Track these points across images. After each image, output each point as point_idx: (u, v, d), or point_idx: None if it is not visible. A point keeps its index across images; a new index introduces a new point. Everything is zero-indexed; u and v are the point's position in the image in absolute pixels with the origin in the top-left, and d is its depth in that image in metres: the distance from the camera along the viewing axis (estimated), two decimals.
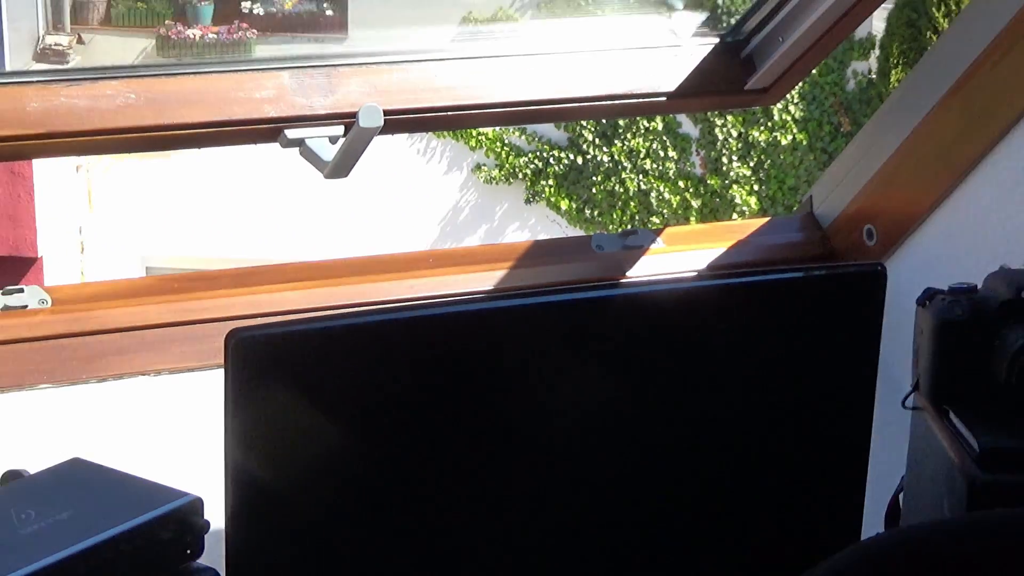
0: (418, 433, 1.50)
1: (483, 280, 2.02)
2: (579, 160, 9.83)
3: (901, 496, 1.67)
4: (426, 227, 9.86)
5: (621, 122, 9.47)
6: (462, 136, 9.74)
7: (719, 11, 8.85)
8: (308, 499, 1.47)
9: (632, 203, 9.77)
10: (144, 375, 1.86)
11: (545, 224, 9.94)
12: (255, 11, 10.00)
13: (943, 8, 8.58)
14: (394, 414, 1.49)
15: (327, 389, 1.45)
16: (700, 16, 1.91)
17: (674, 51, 2.07)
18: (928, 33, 8.62)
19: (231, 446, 1.40)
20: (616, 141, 9.71)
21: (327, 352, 1.46)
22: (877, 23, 9.15)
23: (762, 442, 1.63)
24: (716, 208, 9.62)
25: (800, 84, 2.42)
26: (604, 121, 9.36)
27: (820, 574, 1.18)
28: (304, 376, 1.44)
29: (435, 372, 1.50)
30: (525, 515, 1.56)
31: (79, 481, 1.35)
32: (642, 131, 9.63)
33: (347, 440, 1.47)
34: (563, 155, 9.87)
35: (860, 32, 8.93)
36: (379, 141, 1.88)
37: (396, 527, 1.52)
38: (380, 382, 1.48)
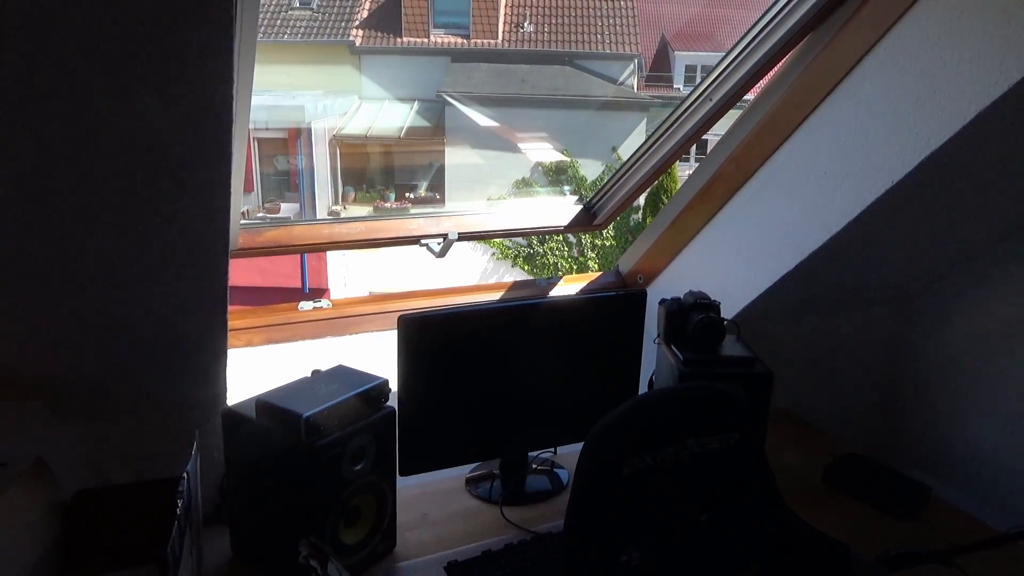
0: (472, 352, 1.49)
1: (496, 295, 2.00)
2: (531, 250, 9.78)
3: (653, 378, 1.66)
4: (473, 276, 9.81)
5: (546, 236, 9.45)
6: (487, 242, 9.70)
7: (582, 195, 8.84)
8: (429, 381, 1.46)
9: (551, 267, 9.72)
10: (367, 332, 1.83)
11: (519, 275, 9.87)
12: (410, 196, 9.95)
13: (665, 195, 8.60)
14: (463, 346, 1.48)
15: (436, 337, 1.45)
16: (575, 197, 1.90)
17: (565, 209, 2.05)
18: (660, 204, 8.64)
19: (399, 360, 1.39)
20: (545, 243, 9.67)
21: (436, 323, 1.45)
22: (641, 200, 9.15)
23: (600, 359, 1.62)
24: (583, 269, 9.58)
25: (613, 222, 2.41)
26: (540, 235, 9.35)
27: (624, 404, 1.17)
28: (427, 332, 1.43)
29: (479, 330, 1.50)
30: (515, 385, 1.55)
31: (342, 373, 1.34)
32: (555, 240, 9.61)
33: (443, 355, 1.47)
34: (525, 248, 9.81)
35: (635, 203, 8.94)
36: (456, 244, 1.88)
37: (463, 387, 1.50)
38: (458, 334, 1.47)
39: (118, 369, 1.27)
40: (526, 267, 10.02)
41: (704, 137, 1.83)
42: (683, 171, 9.57)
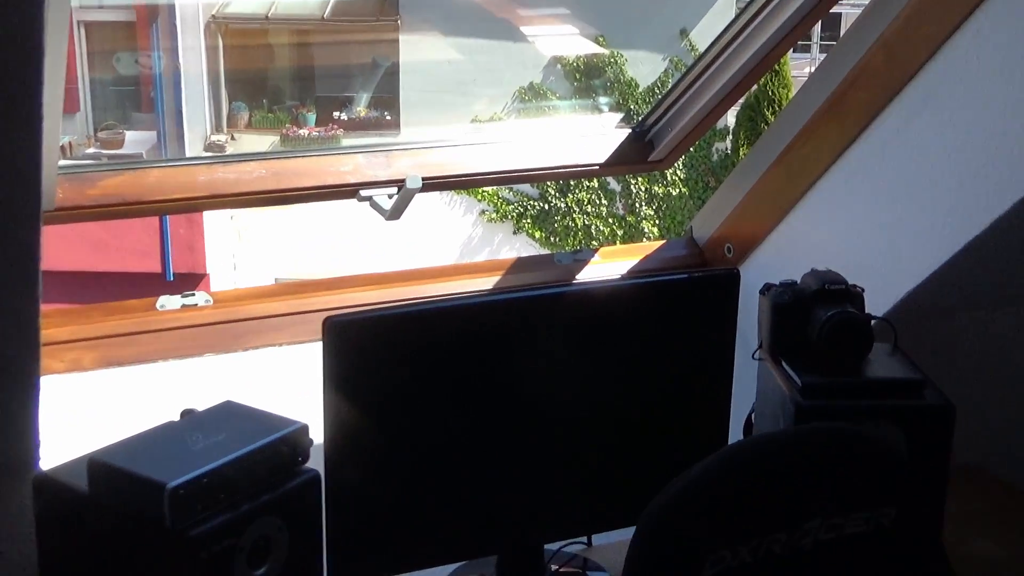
0: (447, 377, 1.51)
1: (487, 282, 2.02)
2: (546, 207, 9.80)
3: (753, 416, 1.67)
4: (450, 250, 9.83)
5: (572, 182, 9.47)
6: (472, 192, 9.71)
7: (631, 112, 8.84)
8: (376, 425, 1.48)
9: (579, 233, 9.75)
10: (272, 347, 1.85)
11: (526, 247, 9.90)
12: (341, 117, 9.99)
13: (770, 108, 8.60)
14: (431, 367, 1.49)
15: (386, 354, 1.46)
16: (618, 116, 1.91)
17: (603, 138, 2.06)
18: (762, 124, 8.62)
19: (327, 391, 1.40)
20: (569, 194, 9.69)
21: (387, 330, 1.46)
22: (730, 118, 9.15)
23: (662, 384, 1.63)
24: (632, 235, 9.61)
25: (683, 156, 2.42)
26: (561, 181, 9.36)
27: (705, 462, 1.18)
28: (371, 346, 1.45)
29: (457, 340, 1.51)
30: (520, 432, 1.56)
31: (230, 415, 1.34)
32: (585, 187, 9.62)
33: (400, 383, 1.48)
34: (536, 203, 9.83)
35: (720, 124, 8.94)
36: (419, 197, 1.88)
37: (435, 437, 1.52)
38: (421, 348, 1.48)
39: None
40: (537, 234, 10.02)
41: (835, 10, 1.83)
42: (799, 69, 9.54)
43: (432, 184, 1.89)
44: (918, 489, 1.26)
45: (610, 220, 9.66)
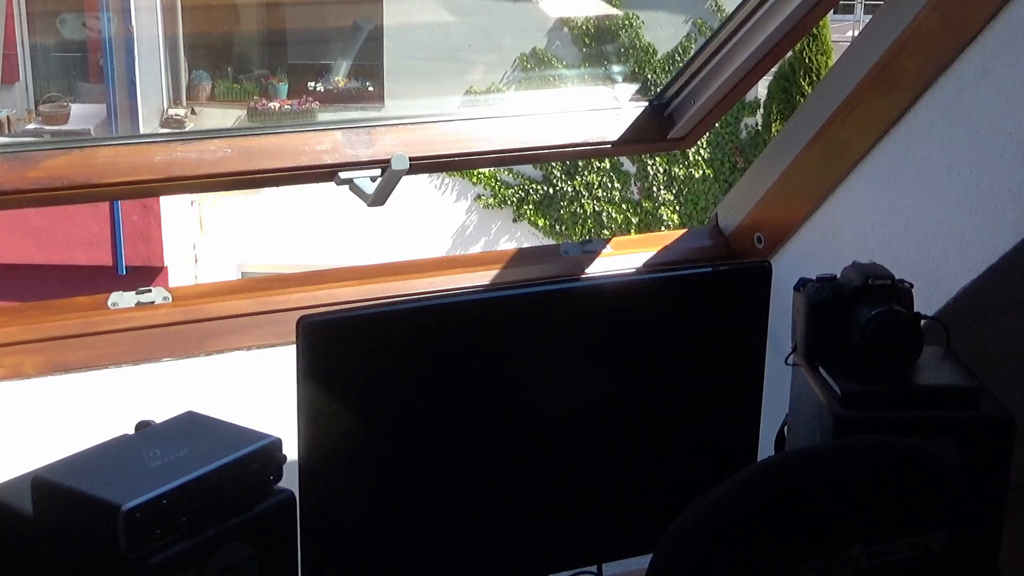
0: (438, 385, 1.50)
1: (483, 277, 2.02)
2: (550, 191, 9.80)
3: (786, 429, 1.67)
4: (441, 240, 9.83)
5: (580, 162, 9.46)
6: (466, 175, 9.71)
7: (648, 83, 8.83)
8: (358, 439, 1.47)
9: (589, 221, 9.74)
10: (239, 350, 1.85)
11: (527, 237, 9.91)
12: (317, 88, 9.99)
13: (807, 78, 8.58)
14: (420, 374, 1.49)
15: (369, 357, 1.46)
16: (634, 87, 1.91)
17: (615, 112, 2.07)
18: (797, 96, 8.60)
19: (302, 400, 1.40)
20: (577, 176, 9.68)
21: (369, 331, 1.46)
22: (761, 89, 9.14)
23: (683, 391, 1.63)
24: (649, 223, 9.60)
25: (707, 133, 2.42)
26: (568, 162, 9.36)
27: (731, 481, 1.18)
28: (351, 349, 1.44)
29: (448, 343, 1.50)
30: (519, 445, 1.56)
31: (192, 428, 1.34)
32: (595, 169, 9.61)
33: (384, 391, 1.48)
34: (539, 187, 9.83)
35: (749, 96, 8.93)
36: (406, 180, 1.88)
37: (424, 453, 1.52)
38: (407, 352, 1.48)
39: None
40: (541, 222, 10.00)
41: None
42: (841, 33, 9.52)
43: (421, 165, 1.89)
44: (972, 511, 1.26)
45: (624, 206, 9.66)
